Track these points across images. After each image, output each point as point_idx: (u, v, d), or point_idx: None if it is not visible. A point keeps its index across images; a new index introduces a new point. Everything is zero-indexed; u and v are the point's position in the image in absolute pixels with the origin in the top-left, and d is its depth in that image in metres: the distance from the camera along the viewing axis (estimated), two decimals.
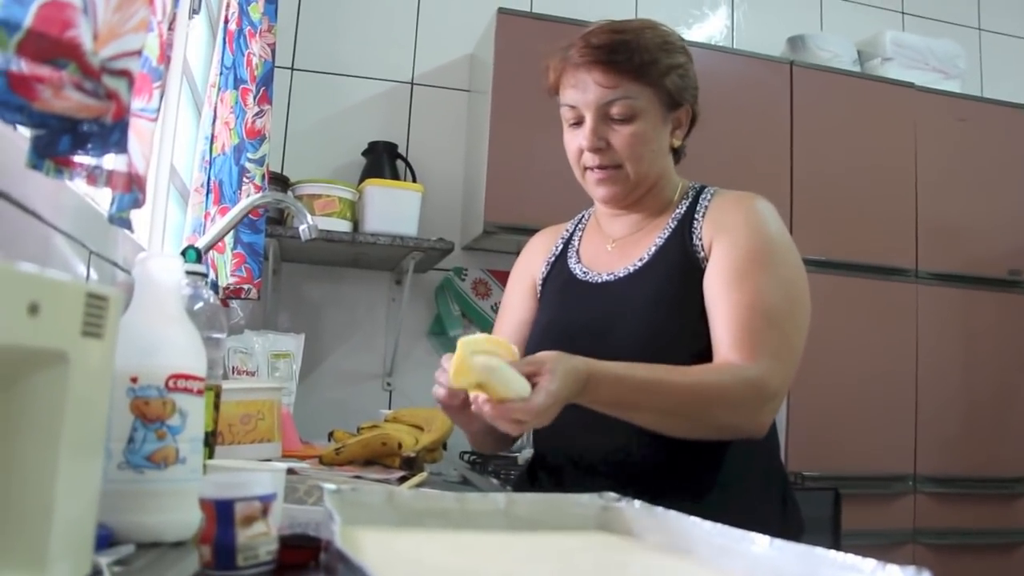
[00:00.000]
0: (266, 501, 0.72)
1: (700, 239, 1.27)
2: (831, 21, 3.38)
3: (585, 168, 1.31)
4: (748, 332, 1.17)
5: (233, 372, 1.93)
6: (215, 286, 1.66)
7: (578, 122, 1.30)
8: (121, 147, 0.60)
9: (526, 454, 2.37)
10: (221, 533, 0.70)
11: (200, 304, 1.03)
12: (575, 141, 1.30)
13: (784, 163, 2.78)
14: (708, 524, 0.74)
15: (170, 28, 0.89)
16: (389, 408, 2.71)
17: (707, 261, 1.26)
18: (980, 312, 2.91)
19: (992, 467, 2.83)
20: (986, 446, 2.84)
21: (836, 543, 2.29)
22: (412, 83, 2.91)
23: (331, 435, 1.77)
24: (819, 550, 0.65)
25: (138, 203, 0.73)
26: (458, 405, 1.11)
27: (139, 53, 0.54)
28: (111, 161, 0.71)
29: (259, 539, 0.71)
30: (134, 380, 0.81)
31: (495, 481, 1.88)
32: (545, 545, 0.83)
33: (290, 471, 1.48)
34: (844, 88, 2.89)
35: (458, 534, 0.83)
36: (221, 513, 0.70)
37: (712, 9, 3.29)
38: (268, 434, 1.50)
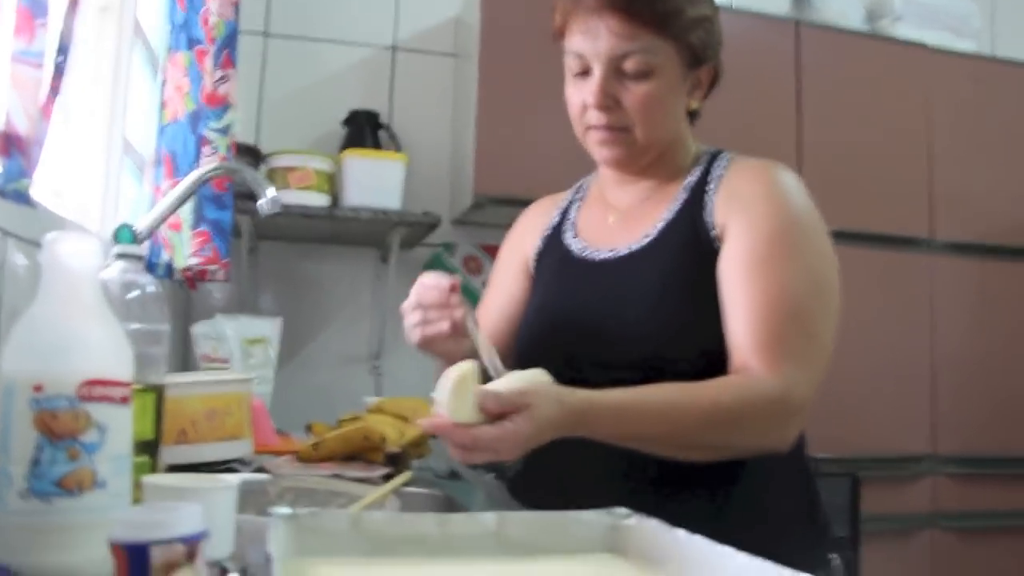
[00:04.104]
0: (192, 542, 0.57)
1: (712, 216, 1.12)
2: None
3: (588, 127, 1.15)
4: (771, 334, 1.02)
5: (203, 361, 1.78)
6: (170, 268, 1.50)
7: (584, 72, 1.13)
8: None
9: None
10: None
11: (136, 292, 0.88)
12: (579, 94, 1.14)
13: (790, 128, 2.63)
14: (743, 557, 0.60)
15: None
16: (377, 394, 2.57)
17: (721, 242, 1.10)
18: (999, 283, 2.77)
19: (1015, 446, 2.70)
20: (1008, 424, 2.70)
21: (855, 531, 2.17)
22: (394, 48, 2.74)
23: (309, 428, 1.63)
24: None
25: (25, 171, 0.57)
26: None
27: None
28: None
29: None
30: (38, 389, 0.67)
31: (488, 476, 1.74)
32: (544, 574, 0.70)
33: (262, 469, 1.34)
34: (853, 49, 2.73)
35: (439, 564, 0.70)
36: (134, 560, 0.56)
37: None
38: (236, 431, 1.35)
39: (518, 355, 1.24)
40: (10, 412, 0.67)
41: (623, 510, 0.73)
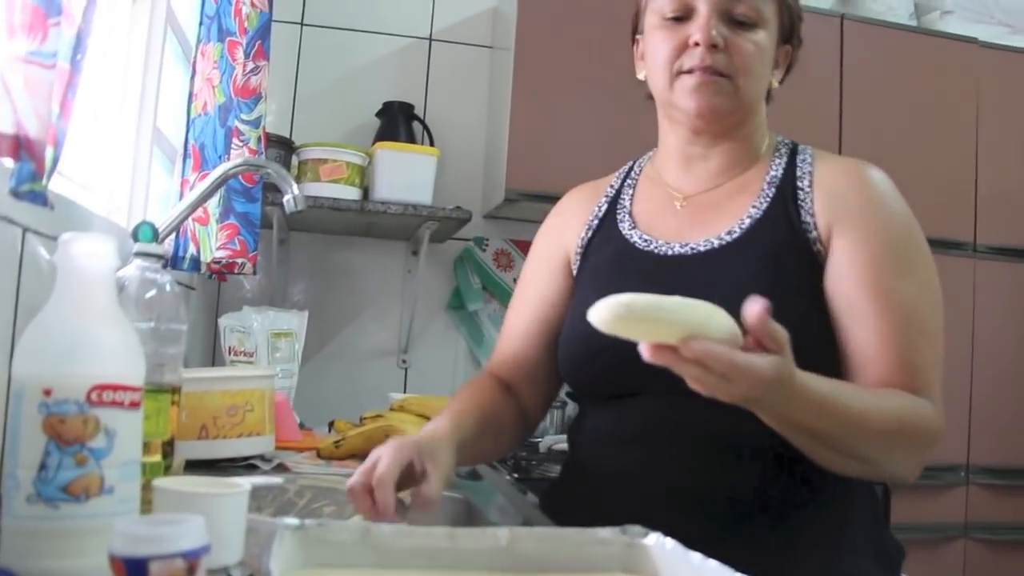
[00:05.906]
0: (192, 558, 0.56)
1: (812, 215, 1.04)
2: None
3: (680, 72, 1.06)
4: (912, 355, 0.97)
5: (230, 353, 1.79)
6: (196, 262, 1.50)
7: (679, 17, 1.06)
8: None
9: (548, 441, 2.21)
10: None
11: (153, 292, 0.88)
12: (673, 37, 1.06)
13: (832, 125, 2.56)
14: None
15: None
16: (405, 388, 2.57)
17: (822, 245, 1.02)
18: None
19: None
20: None
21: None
22: (431, 39, 2.72)
23: (331, 425, 1.62)
24: None
25: (36, 174, 0.56)
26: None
27: None
28: None
29: None
30: (47, 393, 0.66)
31: (509, 477, 1.73)
32: None
33: (282, 466, 1.34)
34: (900, 44, 2.64)
35: None
36: (132, 575, 0.55)
37: None
38: (258, 427, 1.35)
39: (564, 365, 1.14)
40: (19, 415, 0.66)
41: (639, 528, 0.71)
